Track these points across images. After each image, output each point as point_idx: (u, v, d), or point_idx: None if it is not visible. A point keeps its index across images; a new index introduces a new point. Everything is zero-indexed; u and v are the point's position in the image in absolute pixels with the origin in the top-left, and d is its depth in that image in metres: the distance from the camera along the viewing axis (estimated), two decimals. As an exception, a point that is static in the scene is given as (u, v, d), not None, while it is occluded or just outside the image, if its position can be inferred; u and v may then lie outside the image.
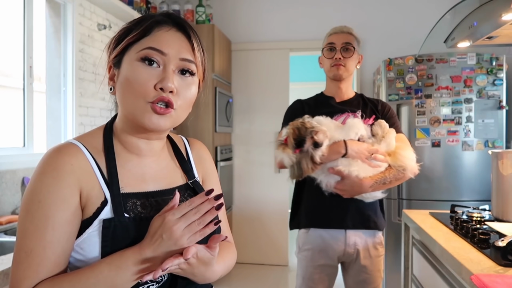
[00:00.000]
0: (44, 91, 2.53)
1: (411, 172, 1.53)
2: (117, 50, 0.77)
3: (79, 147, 0.75)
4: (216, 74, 3.42)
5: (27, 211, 0.69)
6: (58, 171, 0.70)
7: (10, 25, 2.73)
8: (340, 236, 1.65)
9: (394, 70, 3.01)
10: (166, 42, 0.75)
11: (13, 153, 2.13)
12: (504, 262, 1.11)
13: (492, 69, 2.86)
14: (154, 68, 0.74)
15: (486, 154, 2.84)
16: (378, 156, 1.52)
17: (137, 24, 0.78)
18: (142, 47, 0.74)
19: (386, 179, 1.53)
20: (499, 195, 1.59)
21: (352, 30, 1.71)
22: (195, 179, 0.89)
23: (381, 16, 3.74)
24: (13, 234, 1.76)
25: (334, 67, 1.67)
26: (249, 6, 3.96)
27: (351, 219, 1.63)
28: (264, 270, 3.76)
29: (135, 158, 0.81)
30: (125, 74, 0.75)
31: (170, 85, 0.73)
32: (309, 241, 1.69)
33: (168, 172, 0.85)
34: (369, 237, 1.66)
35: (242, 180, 3.98)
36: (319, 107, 1.69)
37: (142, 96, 0.73)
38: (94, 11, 2.71)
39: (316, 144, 1.43)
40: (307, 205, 1.70)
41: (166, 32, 0.76)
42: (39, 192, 0.69)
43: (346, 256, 1.67)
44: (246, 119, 4.04)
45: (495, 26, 1.66)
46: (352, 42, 1.68)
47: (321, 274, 1.67)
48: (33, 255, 0.67)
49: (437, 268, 1.43)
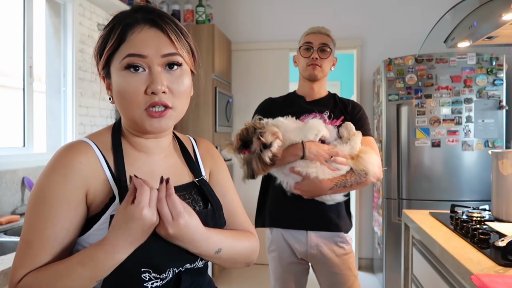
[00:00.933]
0: (44, 91, 2.53)
1: (373, 176, 1.52)
2: (102, 63, 0.78)
3: (89, 145, 0.77)
4: (216, 74, 3.41)
5: (33, 205, 0.72)
6: (66, 169, 0.72)
7: (10, 25, 2.73)
8: (301, 237, 1.63)
9: (394, 70, 3.01)
10: (143, 44, 0.74)
11: (13, 153, 2.13)
12: (504, 262, 1.11)
13: (492, 69, 2.86)
14: (140, 74, 0.74)
15: (486, 154, 2.84)
16: (338, 158, 1.50)
17: (110, 32, 0.76)
18: (122, 56, 0.74)
19: (346, 183, 1.51)
20: (499, 195, 1.59)
21: (330, 32, 1.70)
22: (202, 178, 0.90)
23: (381, 16, 3.74)
24: (13, 234, 1.76)
25: (310, 67, 1.66)
26: (249, 6, 3.96)
27: (312, 221, 1.61)
28: (264, 270, 3.76)
29: (143, 157, 0.82)
30: (115, 85, 0.76)
31: (160, 87, 0.73)
32: (274, 242, 1.69)
33: (175, 170, 0.86)
34: (331, 238, 1.63)
35: (241, 180, 3.98)
36: (287, 106, 1.69)
37: (136, 105, 0.74)
38: (94, 11, 2.71)
39: (265, 145, 1.41)
40: (271, 204, 1.69)
41: (139, 33, 0.75)
42: (46, 188, 0.72)
43: (310, 257, 1.65)
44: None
45: (495, 26, 1.66)
46: (329, 43, 1.67)
47: (290, 273, 1.67)
48: (31, 247, 0.70)
49: (437, 268, 1.43)
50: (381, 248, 3.20)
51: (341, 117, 1.64)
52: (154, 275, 0.74)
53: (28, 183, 2.04)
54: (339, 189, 1.52)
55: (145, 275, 0.73)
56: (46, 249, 0.70)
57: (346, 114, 1.66)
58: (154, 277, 0.74)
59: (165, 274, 0.76)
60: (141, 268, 0.73)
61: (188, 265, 0.80)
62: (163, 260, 0.75)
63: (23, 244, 0.71)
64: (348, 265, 1.63)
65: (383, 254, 3.10)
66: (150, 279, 0.74)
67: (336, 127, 1.59)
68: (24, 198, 2.06)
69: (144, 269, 0.73)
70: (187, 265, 0.79)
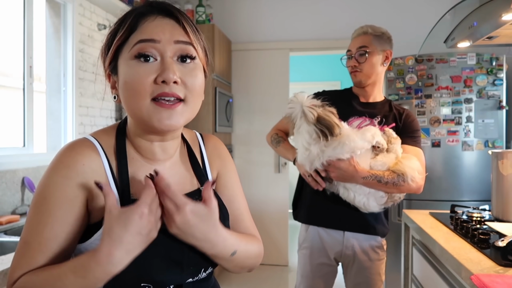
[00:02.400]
0: (44, 91, 2.53)
1: (411, 180, 1.47)
2: (110, 56, 0.73)
3: (94, 146, 0.73)
4: (216, 74, 3.42)
5: (34, 204, 0.70)
6: (68, 170, 0.69)
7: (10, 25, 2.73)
8: (337, 236, 1.64)
9: (394, 70, 3.01)
10: (155, 30, 0.69)
11: (13, 153, 2.13)
12: (504, 262, 1.11)
13: (492, 69, 2.86)
14: (151, 63, 0.68)
15: (486, 154, 2.84)
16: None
17: (121, 23, 0.73)
18: (133, 43, 0.69)
19: (382, 178, 1.46)
20: (499, 195, 1.59)
21: (370, 28, 1.63)
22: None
23: (381, 16, 3.73)
24: (13, 234, 1.76)
25: (352, 74, 1.65)
26: (249, 6, 3.96)
27: (349, 222, 1.61)
28: (264, 270, 3.76)
29: (147, 164, 0.77)
30: (123, 77, 0.70)
31: (172, 75, 0.67)
32: (308, 239, 1.69)
33: (180, 179, 0.81)
34: (368, 241, 1.64)
35: (242, 180, 3.95)
36: (341, 101, 1.62)
37: (143, 94, 0.68)
38: (94, 11, 2.71)
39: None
40: (307, 200, 1.69)
41: (152, 21, 0.70)
42: (46, 188, 0.69)
43: (344, 257, 1.66)
44: (246, 119, 4.03)
45: (495, 26, 1.66)
46: (367, 44, 1.61)
47: (319, 272, 1.67)
48: (29, 248, 0.68)
49: (437, 268, 1.43)
50: (381, 248, 3.20)
51: (393, 124, 1.61)
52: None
53: (28, 183, 2.05)
54: (373, 182, 1.46)
55: None
56: (43, 251, 0.67)
57: (399, 122, 1.63)
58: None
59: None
60: (140, 283, 0.70)
61: (191, 279, 0.76)
62: (164, 276, 0.71)
63: (22, 243, 0.69)
64: (378, 270, 1.65)
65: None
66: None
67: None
68: (24, 198, 2.06)
69: (144, 284, 0.70)
70: (190, 280, 0.76)
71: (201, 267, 0.77)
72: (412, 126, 1.64)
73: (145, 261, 0.67)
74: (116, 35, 0.72)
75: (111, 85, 0.76)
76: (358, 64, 1.62)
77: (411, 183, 1.48)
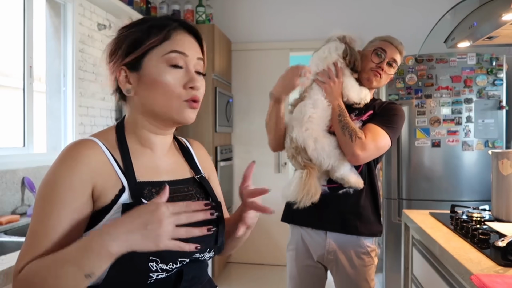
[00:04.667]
0: (44, 91, 2.53)
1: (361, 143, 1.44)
2: (137, 53, 0.81)
3: (96, 142, 0.80)
4: (216, 74, 3.41)
5: (40, 195, 0.75)
6: (74, 161, 0.75)
7: (10, 25, 2.73)
8: (319, 239, 1.59)
9: (394, 70, 3.01)
10: (186, 45, 0.83)
11: (13, 153, 2.13)
12: (504, 262, 1.11)
13: (492, 69, 2.86)
14: (179, 70, 0.82)
15: (486, 154, 2.84)
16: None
17: (150, 28, 0.82)
18: (166, 51, 0.81)
19: (344, 118, 1.48)
20: (499, 195, 1.59)
21: (404, 51, 1.67)
22: (202, 175, 0.95)
23: (381, 16, 3.74)
24: (13, 234, 1.76)
25: (372, 72, 1.59)
26: (249, 6, 3.96)
27: (330, 221, 1.55)
28: (264, 270, 3.76)
29: (148, 152, 0.87)
30: (152, 76, 0.81)
31: (199, 84, 0.83)
32: (293, 241, 1.67)
33: (178, 166, 0.92)
34: (352, 246, 1.56)
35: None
36: None
37: (176, 96, 0.81)
38: (94, 11, 2.71)
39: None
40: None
41: (183, 36, 0.84)
42: (53, 179, 0.74)
43: (327, 261, 1.60)
44: (246, 119, 4.03)
45: (495, 26, 1.66)
46: (398, 61, 1.64)
47: (306, 274, 1.64)
48: (36, 236, 0.72)
49: (437, 268, 1.43)
50: (381, 248, 3.20)
51: (369, 111, 1.58)
52: (161, 266, 0.74)
53: (28, 183, 2.04)
54: (336, 112, 1.50)
55: (152, 264, 0.73)
56: (49, 238, 0.71)
57: (375, 109, 1.60)
58: (161, 269, 0.74)
59: (172, 266, 0.76)
60: (149, 256, 0.72)
61: (198, 254, 0.82)
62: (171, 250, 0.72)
63: (29, 233, 0.73)
64: (365, 276, 1.56)
65: (383, 254, 3.10)
66: (157, 271, 0.74)
67: (362, 121, 1.56)
68: (24, 198, 2.06)
69: (152, 257, 0.72)
70: (196, 256, 0.82)
71: (207, 246, 0.83)
72: (386, 109, 1.59)
73: None
74: (148, 38, 0.81)
75: (122, 79, 0.83)
76: (384, 71, 1.60)
77: (354, 140, 1.44)
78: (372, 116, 1.58)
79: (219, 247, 0.88)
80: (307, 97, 1.58)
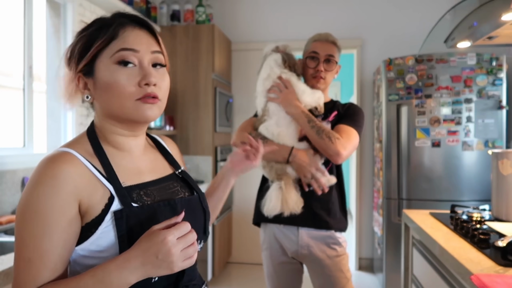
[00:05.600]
0: (44, 91, 2.53)
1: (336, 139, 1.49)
2: (87, 59, 0.79)
3: (72, 154, 0.76)
4: (216, 74, 3.41)
5: (23, 220, 0.71)
6: (55, 180, 0.71)
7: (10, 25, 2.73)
8: (292, 235, 1.61)
9: (394, 70, 3.01)
10: (135, 41, 0.80)
11: (13, 153, 2.13)
12: (504, 262, 1.11)
13: (492, 69, 2.86)
14: (131, 68, 0.78)
15: (486, 154, 2.84)
16: (321, 180, 1.53)
17: (98, 30, 0.80)
18: (114, 51, 0.78)
19: (313, 122, 1.52)
20: (499, 195, 1.59)
21: (337, 41, 1.67)
22: (182, 169, 0.96)
23: (381, 16, 3.74)
24: (13, 234, 1.76)
25: (314, 79, 1.64)
26: (249, 6, 3.96)
27: (301, 217, 1.56)
28: (263, 270, 3.76)
29: (127, 156, 0.85)
30: (104, 79, 0.78)
31: (153, 79, 0.79)
32: (266, 240, 1.69)
33: (157, 164, 0.92)
34: (323, 238, 1.60)
35: (242, 180, 3.98)
36: None
37: (129, 96, 0.78)
38: (94, 11, 2.71)
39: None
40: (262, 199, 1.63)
41: (132, 31, 0.81)
42: (35, 201, 0.70)
43: (301, 257, 1.63)
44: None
45: (495, 26, 1.66)
46: (335, 54, 1.65)
47: (282, 272, 1.67)
48: (31, 263, 0.70)
49: (437, 268, 1.43)
50: (381, 248, 3.20)
51: (334, 112, 1.64)
52: None
53: (28, 183, 2.05)
54: (304, 119, 1.53)
55: None
56: (46, 264, 0.70)
57: (340, 110, 1.67)
58: None
59: None
60: None
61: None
62: None
63: (21, 262, 0.70)
64: (339, 267, 1.60)
65: (383, 254, 3.10)
66: None
67: (329, 122, 1.62)
68: (24, 198, 2.06)
69: None
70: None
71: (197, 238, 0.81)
72: (350, 111, 1.66)
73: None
74: (95, 41, 0.79)
75: (81, 86, 0.82)
76: (324, 71, 1.63)
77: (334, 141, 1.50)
78: (337, 116, 1.64)
79: (207, 235, 0.92)
80: (267, 119, 1.63)
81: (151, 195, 0.82)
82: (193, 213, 0.87)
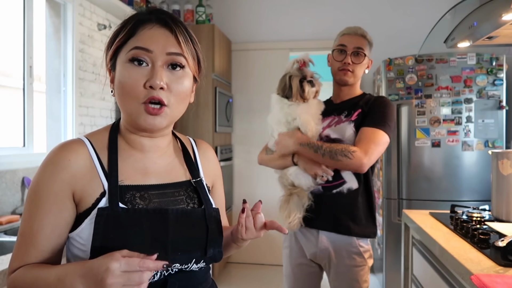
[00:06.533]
0: (44, 91, 2.53)
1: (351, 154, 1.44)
2: (110, 54, 0.80)
3: (83, 143, 0.79)
4: (216, 74, 3.41)
5: (27, 199, 0.77)
6: (54, 166, 0.75)
7: (10, 25, 2.73)
8: (311, 237, 1.59)
9: (394, 70, 3.01)
10: (150, 40, 0.76)
11: (13, 153, 2.13)
12: (504, 262, 1.11)
13: (492, 69, 2.86)
14: (143, 68, 0.76)
15: (486, 154, 2.84)
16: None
17: (123, 26, 0.80)
18: (129, 48, 0.77)
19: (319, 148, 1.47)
20: (499, 195, 1.59)
21: (366, 34, 1.62)
22: (200, 179, 0.89)
23: (381, 16, 3.74)
24: (13, 234, 1.76)
25: (341, 72, 1.60)
26: (249, 6, 3.96)
27: (323, 220, 1.55)
28: (263, 270, 3.76)
29: (138, 153, 0.83)
30: (118, 76, 0.78)
31: (158, 82, 0.74)
32: (287, 239, 1.69)
33: (172, 168, 0.87)
34: (343, 245, 1.55)
35: (242, 180, 3.98)
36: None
37: (134, 97, 0.75)
38: (94, 11, 2.71)
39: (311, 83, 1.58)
40: None
41: (149, 30, 0.77)
42: (36, 184, 0.76)
43: (320, 260, 1.60)
44: (246, 119, 4.03)
45: (495, 26, 1.66)
46: (364, 47, 1.59)
47: (300, 273, 1.65)
48: (24, 240, 0.75)
49: (437, 268, 1.43)
50: (381, 248, 3.20)
51: (358, 110, 1.57)
52: None
53: (28, 183, 2.05)
54: (309, 152, 1.49)
55: None
56: (33, 243, 0.74)
57: (365, 107, 1.58)
58: None
59: (153, 278, 0.73)
60: None
61: (178, 265, 0.77)
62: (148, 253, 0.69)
63: (18, 235, 0.76)
64: (355, 277, 1.53)
65: (383, 254, 3.10)
66: None
67: (352, 122, 1.55)
68: (24, 198, 2.06)
69: None
70: (177, 265, 0.77)
71: (191, 257, 0.78)
72: (375, 107, 1.56)
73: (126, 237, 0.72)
74: (118, 36, 0.79)
75: (110, 79, 0.83)
76: (352, 63, 1.58)
77: (352, 156, 1.44)
78: (361, 114, 1.57)
79: (211, 257, 0.82)
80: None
81: (147, 199, 0.78)
82: (192, 227, 0.80)
